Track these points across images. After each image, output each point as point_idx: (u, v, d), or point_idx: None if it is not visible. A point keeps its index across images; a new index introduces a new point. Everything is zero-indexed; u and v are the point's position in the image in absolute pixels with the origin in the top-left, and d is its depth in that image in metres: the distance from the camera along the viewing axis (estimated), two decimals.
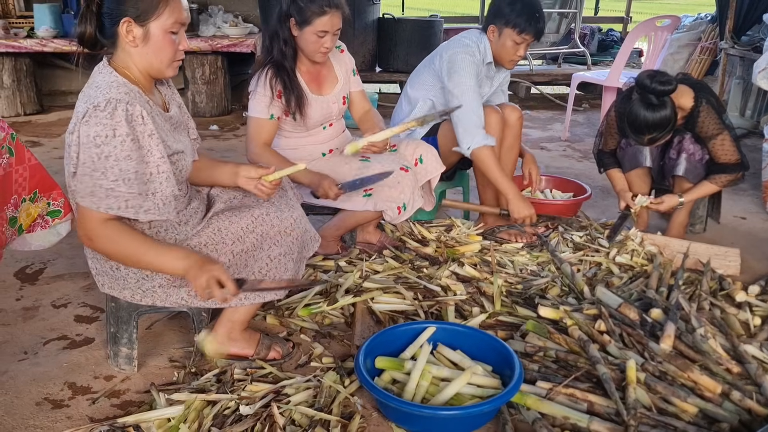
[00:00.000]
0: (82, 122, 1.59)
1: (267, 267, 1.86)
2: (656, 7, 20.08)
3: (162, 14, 1.65)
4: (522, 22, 2.70)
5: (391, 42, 6.02)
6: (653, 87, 2.51)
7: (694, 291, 2.37)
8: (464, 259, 2.64)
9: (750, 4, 4.90)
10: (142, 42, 1.66)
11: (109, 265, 1.78)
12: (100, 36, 1.68)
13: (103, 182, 1.58)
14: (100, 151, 1.57)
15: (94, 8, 1.66)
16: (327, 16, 2.37)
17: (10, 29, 5.19)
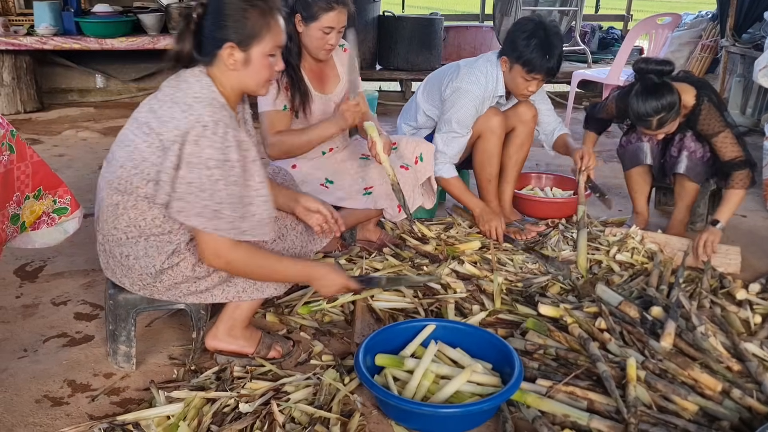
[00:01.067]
0: (189, 140, 1.59)
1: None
2: (657, 5, 20.04)
3: (264, 39, 1.68)
4: (533, 61, 2.59)
5: (392, 40, 6.01)
6: (650, 68, 2.52)
7: (694, 289, 2.37)
8: (464, 257, 2.64)
9: (751, 2, 4.89)
10: (242, 66, 1.69)
11: (120, 251, 1.76)
12: (196, 54, 1.69)
13: (209, 204, 1.61)
14: (210, 174, 1.59)
15: (193, 27, 1.67)
16: (333, 12, 2.36)
17: (10, 27, 5.18)
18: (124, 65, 5.81)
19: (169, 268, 1.76)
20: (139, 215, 1.71)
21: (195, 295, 1.83)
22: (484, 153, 2.83)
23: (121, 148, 1.72)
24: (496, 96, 2.77)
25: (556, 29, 2.64)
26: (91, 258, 2.70)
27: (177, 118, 1.62)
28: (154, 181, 1.65)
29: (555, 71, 2.65)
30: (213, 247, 1.67)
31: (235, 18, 1.65)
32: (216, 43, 1.66)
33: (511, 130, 2.90)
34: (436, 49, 6.11)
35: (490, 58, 2.78)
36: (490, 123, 2.77)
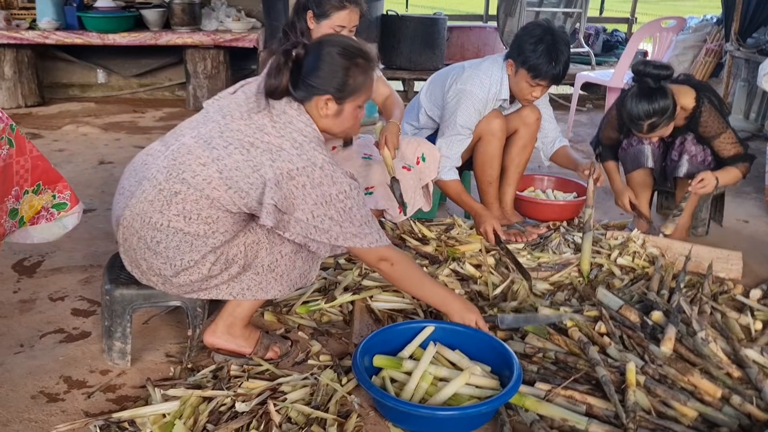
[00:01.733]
0: (309, 182, 1.68)
1: (277, 263, 1.87)
2: (661, 8, 20.01)
3: (360, 96, 1.80)
4: (538, 67, 2.56)
5: (395, 39, 6.01)
6: (648, 71, 2.53)
7: (695, 294, 2.36)
8: (465, 258, 2.62)
9: (756, 7, 4.88)
10: (333, 115, 1.78)
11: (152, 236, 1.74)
12: (292, 90, 1.74)
13: (351, 229, 1.74)
14: (344, 205, 1.71)
15: (291, 65, 1.73)
16: (346, 11, 2.37)
17: (12, 20, 5.17)
18: (125, 61, 5.81)
19: (193, 266, 1.76)
20: (194, 209, 1.72)
21: (202, 291, 1.84)
22: (485, 155, 2.82)
23: (204, 148, 1.72)
24: (499, 99, 2.75)
25: (565, 37, 2.62)
26: (89, 254, 2.69)
27: (287, 151, 1.69)
28: (239, 193, 1.70)
29: (560, 78, 2.63)
30: (377, 255, 1.82)
31: (338, 75, 1.74)
32: (314, 90, 1.74)
33: (514, 132, 2.88)
34: (439, 49, 6.10)
35: (496, 60, 2.76)
36: (492, 125, 2.75)
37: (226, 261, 1.80)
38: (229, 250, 1.80)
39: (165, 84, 6.03)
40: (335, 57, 1.73)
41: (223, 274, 1.81)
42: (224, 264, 1.80)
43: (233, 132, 1.72)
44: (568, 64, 2.61)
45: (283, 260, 1.88)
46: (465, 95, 2.71)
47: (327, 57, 1.73)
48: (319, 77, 1.73)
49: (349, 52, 1.75)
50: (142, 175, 1.79)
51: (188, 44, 5.26)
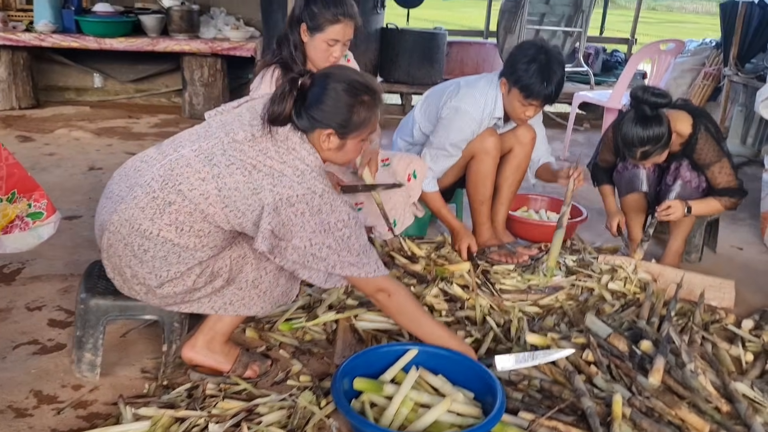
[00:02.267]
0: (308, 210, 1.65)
1: (260, 279, 1.84)
2: (662, 29, 20.11)
3: (364, 131, 1.78)
4: (530, 86, 2.53)
5: (394, 52, 5.98)
6: (646, 98, 2.50)
7: (686, 323, 2.31)
8: (453, 278, 2.58)
9: (755, 33, 4.87)
10: (335, 149, 1.76)
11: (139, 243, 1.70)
12: (295, 118, 1.72)
13: (349, 258, 1.71)
14: (342, 234, 1.70)
15: (296, 94, 1.70)
16: (340, 24, 2.33)
17: (9, 22, 5.14)
18: (122, 65, 5.77)
19: (178, 278, 1.73)
20: (187, 221, 1.69)
21: (184, 304, 1.80)
22: (478, 174, 2.78)
23: (205, 164, 1.69)
24: (494, 118, 2.72)
25: (559, 56, 2.57)
26: (71, 262, 2.64)
27: (289, 177, 1.66)
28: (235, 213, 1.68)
29: (553, 98, 2.59)
30: (374, 285, 1.79)
31: (342, 111, 1.72)
32: (316, 123, 1.72)
33: (509, 151, 2.85)
34: (438, 64, 6.08)
35: (492, 79, 2.72)
36: (486, 144, 2.72)
37: (212, 274, 1.77)
38: (215, 263, 1.77)
39: (161, 90, 5.99)
40: (340, 93, 1.71)
41: (207, 287, 1.77)
42: (209, 277, 1.77)
43: (236, 152, 1.69)
44: (561, 84, 2.57)
45: (267, 277, 1.85)
46: (459, 114, 2.67)
47: (332, 92, 1.71)
48: (322, 111, 1.71)
49: (355, 89, 1.72)
50: (134, 181, 1.74)
51: (186, 51, 5.23)
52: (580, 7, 6.46)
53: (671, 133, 2.55)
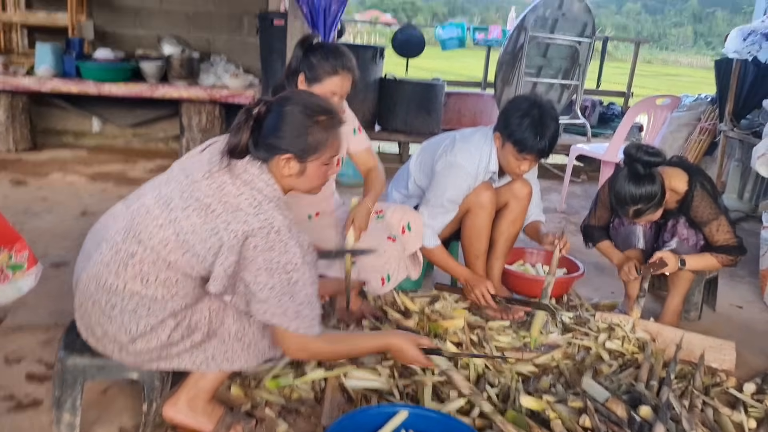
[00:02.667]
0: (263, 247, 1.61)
1: (244, 331, 1.77)
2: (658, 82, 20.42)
3: (323, 153, 1.72)
4: (524, 141, 2.51)
5: (392, 102, 6.03)
6: (639, 156, 2.49)
7: (686, 386, 2.24)
8: (447, 335, 2.51)
9: (750, 90, 4.91)
10: (296, 175, 1.72)
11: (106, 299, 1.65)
12: (252, 148, 1.68)
13: (291, 306, 1.65)
14: (289, 277, 1.63)
15: (252, 124, 1.67)
16: (338, 77, 2.32)
17: (10, 66, 5.18)
18: (121, 110, 5.79)
19: (150, 332, 1.66)
20: (151, 271, 1.64)
21: (162, 360, 1.72)
22: (473, 228, 2.74)
23: (163, 209, 1.66)
24: (489, 171, 2.70)
25: (552, 110, 2.57)
26: (56, 311, 2.58)
27: (245, 211, 1.62)
28: (196, 257, 1.64)
29: (546, 152, 2.57)
30: (297, 343, 1.72)
31: (297, 133, 1.68)
32: (275, 151, 1.68)
33: (504, 205, 2.82)
34: (436, 114, 6.12)
35: (487, 132, 2.71)
36: (481, 198, 2.69)
37: (189, 327, 1.70)
38: (192, 315, 1.70)
39: (159, 135, 6.01)
40: (295, 115, 1.67)
41: (185, 341, 1.70)
42: (186, 330, 1.70)
43: (194, 191, 1.65)
44: (555, 138, 2.55)
45: (251, 328, 1.77)
46: (455, 168, 2.65)
47: (287, 116, 1.67)
48: (278, 136, 1.67)
49: (310, 110, 1.69)
50: (101, 236, 1.71)
51: (184, 98, 5.26)
52: (577, 60, 6.55)
53: (665, 191, 2.53)
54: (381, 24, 21.22)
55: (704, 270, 2.79)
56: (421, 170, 2.87)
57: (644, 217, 2.55)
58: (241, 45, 6.08)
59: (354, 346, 1.89)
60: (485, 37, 7.51)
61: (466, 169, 2.65)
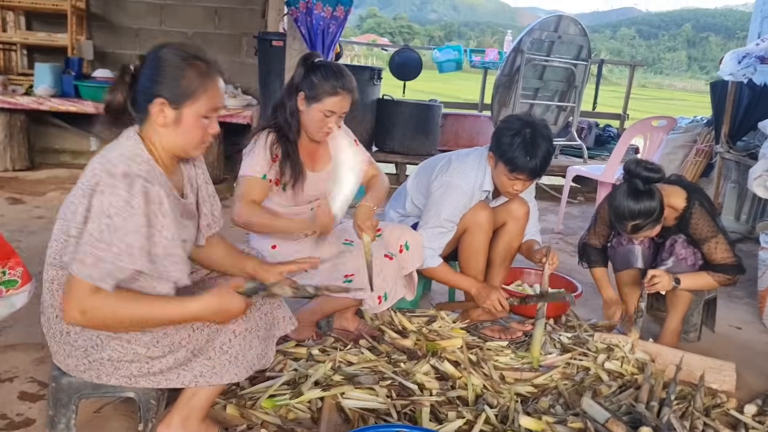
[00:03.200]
0: (97, 191, 1.50)
1: (230, 343, 1.73)
2: (653, 105, 20.62)
3: (198, 100, 1.62)
4: (515, 160, 2.51)
5: (389, 123, 6.05)
6: (638, 172, 2.50)
7: (686, 407, 2.22)
8: (445, 354, 2.49)
9: (745, 112, 4.95)
10: (172, 124, 1.63)
11: (60, 329, 1.64)
12: (130, 107, 1.63)
13: (105, 254, 1.49)
14: (110, 222, 1.49)
15: (128, 79, 1.62)
16: (338, 97, 2.33)
17: (9, 86, 5.19)
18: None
19: (116, 340, 1.62)
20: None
21: (147, 377, 1.69)
22: (470, 248, 2.74)
23: (58, 221, 1.65)
24: (483, 190, 2.70)
25: (545, 129, 2.56)
26: None
27: (95, 173, 1.54)
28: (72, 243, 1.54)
29: (538, 172, 2.56)
30: (71, 293, 1.50)
31: (170, 75, 1.60)
32: (148, 97, 1.60)
33: (502, 225, 2.81)
34: (433, 135, 6.15)
35: (482, 152, 2.72)
36: (478, 218, 2.69)
37: (171, 345, 1.66)
38: (175, 333, 1.66)
39: None
40: (168, 56, 1.61)
41: (167, 357, 1.66)
42: (168, 347, 1.66)
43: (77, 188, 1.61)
44: (547, 158, 2.54)
45: (237, 340, 1.74)
46: (450, 188, 2.66)
47: (161, 59, 1.61)
48: (152, 82, 1.60)
49: (184, 53, 1.63)
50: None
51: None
52: (573, 83, 6.62)
53: (663, 207, 2.54)
54: (378, 47, 21.41)
55: (701, 289, 2.78)
56: (418, 190, 2.88)
57: (642, 232, 2.56)
58: (239, 66, 6.12)
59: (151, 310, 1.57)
60: (482, 59, 7.58)
61: (462, 188, 2.65)
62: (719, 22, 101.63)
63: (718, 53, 48.09)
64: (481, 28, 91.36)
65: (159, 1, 6.03)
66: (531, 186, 2.85)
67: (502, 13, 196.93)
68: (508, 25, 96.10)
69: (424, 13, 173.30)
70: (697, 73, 44.51)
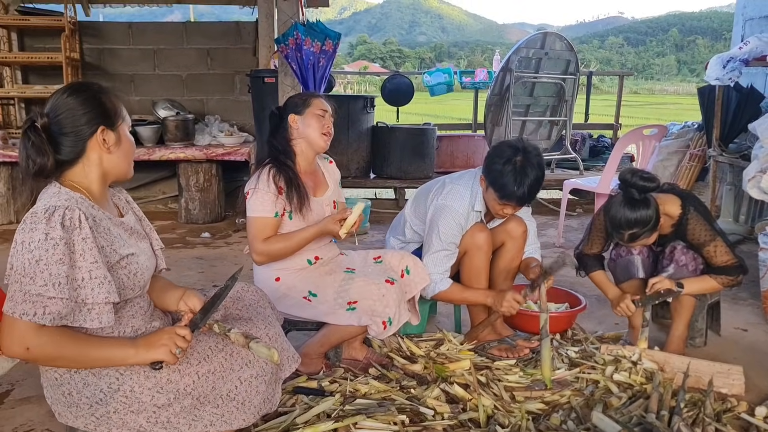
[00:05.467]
0: (18, 230, 1.55)
1: (236, 390, 1.74)
2: (645, 112, 20.74)
3: (125, 117, 1.75)
4: (504, 188, 2.56)
5: (385, 149, 6.13)
6: (634, 181, 2.54)
7: (697, 414, 2.23)
8: (454, 377, 2.51)
9: (735, 115, 5.00)
10: (115, 145, 1.70)
11: (62, 392, 1.66)
12: (60, 158, 1.65)
13: (32, 288, 1.50)
14: (32, 256, 1.51)
15: (44, 135, 1.63)
16: (320, 99, 2.58)
17: (9, 139, 5.27)
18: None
19: (119, 392, 1.63)
20: None
21: (157, 427, 1.70)
22: (471, 270, 2.77)
23: None
24: (475, 210, 2.75)
25: (536, 158, 2.59)
26: None
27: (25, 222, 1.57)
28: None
29: (526, 200, 2.61)
30: (10, 331, 1.52)
31: (95, 105, 1.67)
32: (84, 136, 1.65)
33: (501, 245, 2.85)
34: (429, 158, 6.21)
35: (475, 174, 2.78)
36: (476, 239, 2.73)
37: (176, 392, 1.66)
38: (180, 379, 1.68)
39: (158, 197, 6.08)
40: (79, 97, 1.67)
41: (173, 405, 1.66)
42: (173, 394, 1.66)
43: None
44: (536, 187, 2.58)
45: (243, 386, 1.75)
46: (445, 210, 2.71)
47: (73, 103, 1.65)
48: (85, 119, 1.65)
49: (83, 86, 1.71)
50: None
51: (181, 159, 5.34)
52: (564, 96, 6.69)
53: (659, 216, 2.57)
54: (369, 74, 21.61)
55: (704, 293, 2.80)
56: (417, 216, 2.92)
57: (639, 241, 2.59)
58: (233, 104, 6.23)
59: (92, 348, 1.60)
60: (472, 80, 7.67)
61: (456, 209, 2.71)
62: (705, 24, 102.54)
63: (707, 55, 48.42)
64: (471, 47, 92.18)
65: (152, 47, 6.15)
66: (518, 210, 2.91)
67: (489, 31, 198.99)
68: (497, 43, 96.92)
69: (413, 36, 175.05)
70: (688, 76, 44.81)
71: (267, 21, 5.71)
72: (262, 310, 2.07)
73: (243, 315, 2.01)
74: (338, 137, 2.55)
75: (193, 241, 4.94)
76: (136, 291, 1.75)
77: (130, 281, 1.72)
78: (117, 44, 6.11)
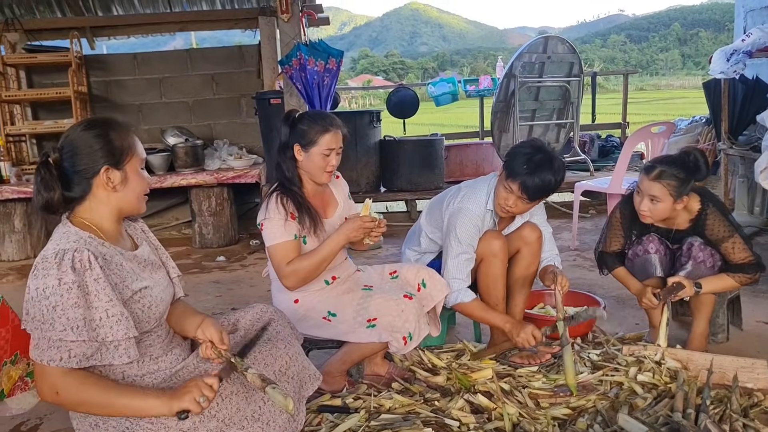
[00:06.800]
0: (31, 276, 1.58)
1: (260, 411, 1.76)
2: (652, 108, 20.64)
3: (134, 154, 1.74)
4: (514, 168, 2.58)
5: (394, 162, 6.15)
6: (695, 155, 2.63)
7: (723, 411, 2.22)
8: (477, 386, 2.51)
9: (742, 107, 4.99)
10: (120, 185, 1.71)
11: (89, 423, 1.69)
12: (68, 194, 1.68)
13: (52, 334, 1.54)
14: (48, 303, 1.54)
15: (56, 172, 1.67)
16: (330, 133, 2.47)
17: (23, 176, 5.35)
18: None
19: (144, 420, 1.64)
20: None
21: None
22: (488, 277, 2.77)
23: None
24: (487, 209, 2.76)
25: (557, 162, 2.59)
26: None
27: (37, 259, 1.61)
28: None
29: (534, 190, 2.57)
30: (40, 376, 1.57)
31: (102, 144, 1.69)
32: (89, 174, 1.68)
33: (516, 252, 2.85)
34: (439, 168, 6.22)
35: (491, 177, 2.81)
36: (492, 247, 2.73)
37: (202, 416, 1.67)
38: None
39: (172, 223, 6.13)
40: (88, 133, 1.69)
41: (199, 429, 1.68)
42: (198, 418, 1.67)
43: None
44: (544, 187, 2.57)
45: (267, 407, 1.78)
46: (461, 213, 2.73)
47: (85, 138, 1.68)
48: (89, 159, 1.67)
49: (96, 122, 1.73)
50: None
51: (192, 185, 5.39)
52: (569, 99, 6.69)
53: (691, 182, 2.61)
54: (374, 89, 21.74)
55: (723, 291, 2.79)
56: (432, 223, 2.94)
57: (664, 180, 2.60)
58: (241, 127, 6.28)
59: (118, 396, 1.61)
60: (476, 88, 7.70)
61: (472, 210, 2.72)
62: (707, 17, 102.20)
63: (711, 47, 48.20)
64: (473, 54, 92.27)
65: (157, 76, 6.23)
66: (540, 209, 2.90)
67: (491, 37, 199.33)
68: (499, 48, 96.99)
69: (415, 47, 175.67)
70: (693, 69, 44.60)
71: (269, 43, 5.78)
72: (282, 329, 2.09)
73: (263, 335, 2.03)
74: (347, 153, 2.56)
75: (208, 266, 4.97)
76: (152, 323, 1.77)
77: (145, 314, 1.73)
78: (123, 75, 6.20)
